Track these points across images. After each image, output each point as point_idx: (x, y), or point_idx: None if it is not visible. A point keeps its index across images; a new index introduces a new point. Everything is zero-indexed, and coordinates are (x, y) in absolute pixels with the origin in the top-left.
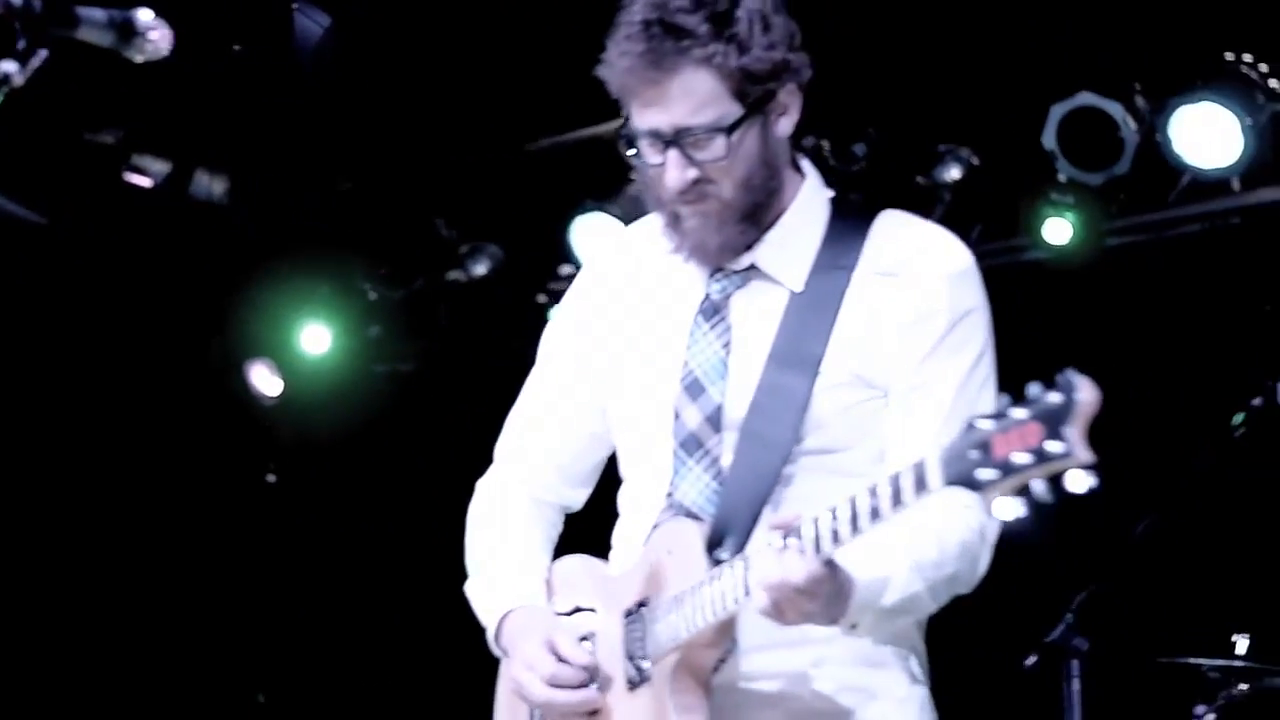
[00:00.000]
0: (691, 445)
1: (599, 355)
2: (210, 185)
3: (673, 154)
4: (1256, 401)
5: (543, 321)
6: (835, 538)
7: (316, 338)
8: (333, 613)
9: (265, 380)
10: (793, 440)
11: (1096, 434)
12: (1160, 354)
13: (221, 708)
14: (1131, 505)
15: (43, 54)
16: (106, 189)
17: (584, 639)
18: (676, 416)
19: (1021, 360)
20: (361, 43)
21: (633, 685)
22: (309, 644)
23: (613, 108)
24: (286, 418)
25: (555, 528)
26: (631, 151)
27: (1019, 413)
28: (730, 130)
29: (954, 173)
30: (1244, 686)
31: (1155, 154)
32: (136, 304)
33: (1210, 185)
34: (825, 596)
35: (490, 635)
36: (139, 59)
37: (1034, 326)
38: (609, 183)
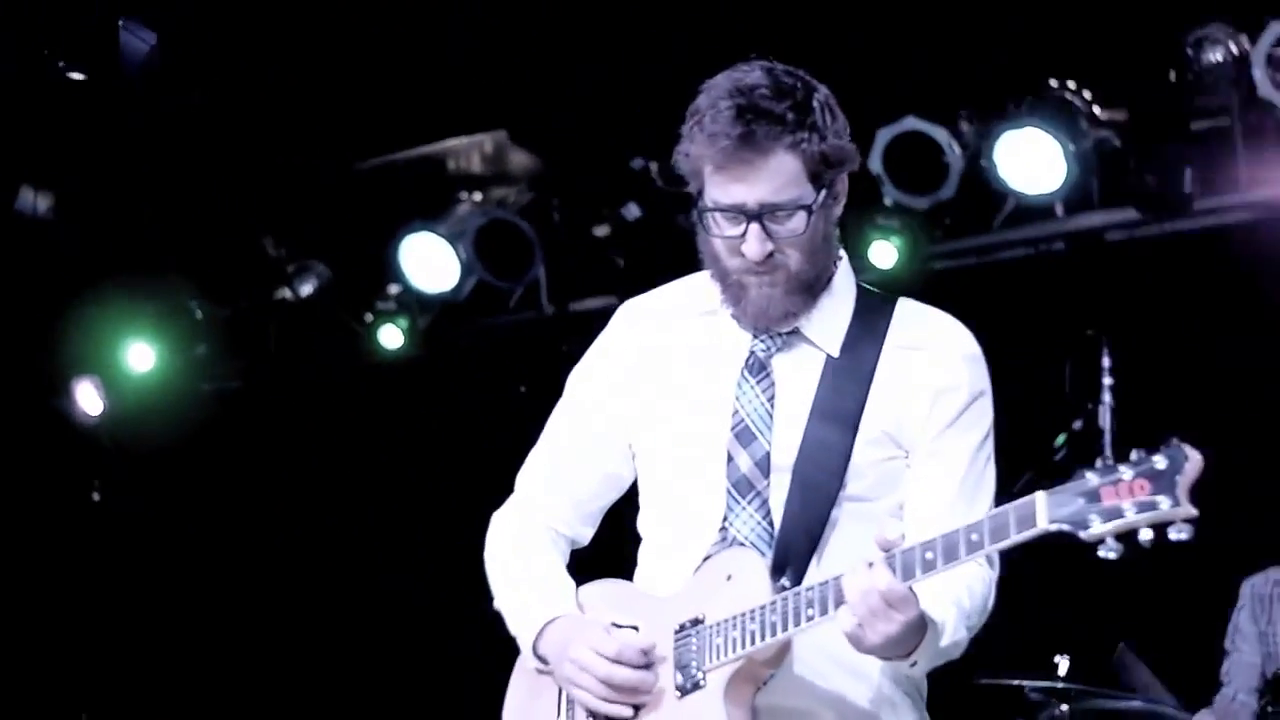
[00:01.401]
0: (744, 487)
1: (629, 402)
2: (35, 202)
3: (754, 228)
4: (1077, 424)
5: (370, 339)
6: (927, 565)
7: (141, 355)
8: (156, 630)
9: (89, 398)
10: (839, 486)
11: None
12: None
13: None
14: None
15: None
16: None
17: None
18: (730, 460)
19: None
20: (188, 61)
21: (683, 692)
22: (132, 662)
23: (438, 128)
24: (111, 435)
25: (567, 558)
26: (711, 224)
27: (1126, 471)
28: (809, 208)
29: None
30: (1064, 707)
31: (980, 179)
32: None
33: (1034, 210)
34: (906, 622)
35: (528, 643)
36: None
37: None
38: (436, 202)
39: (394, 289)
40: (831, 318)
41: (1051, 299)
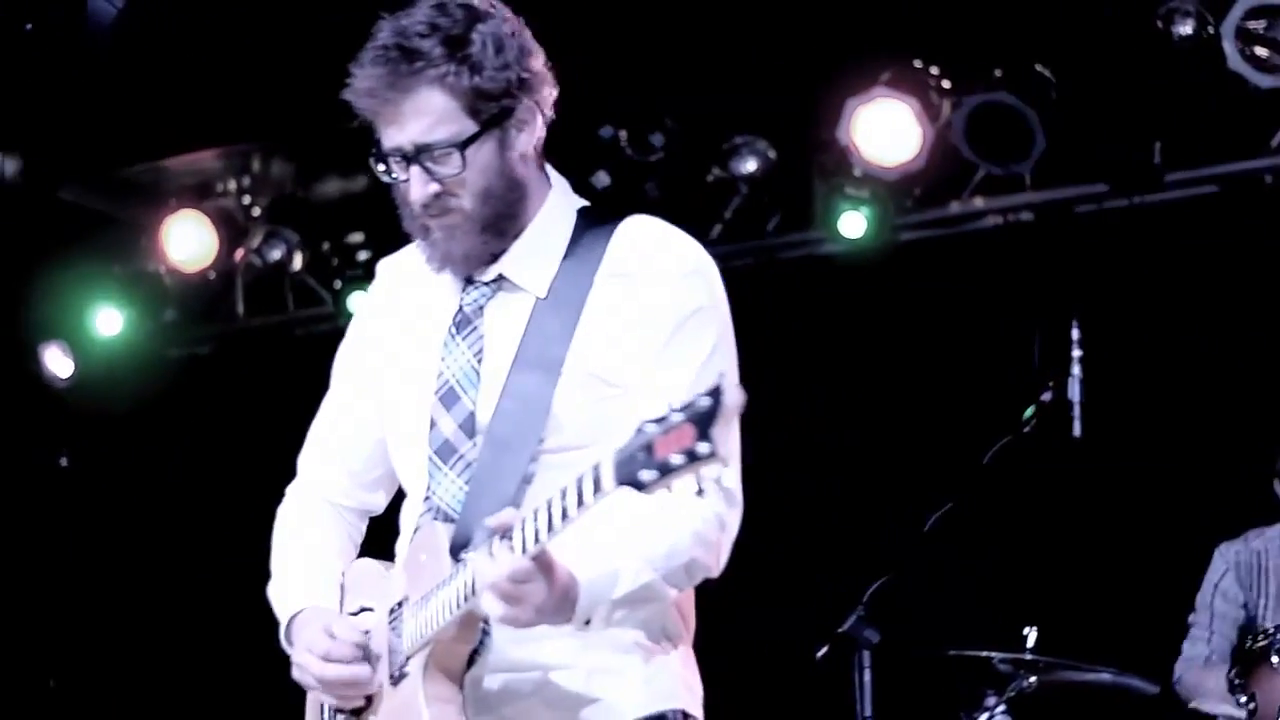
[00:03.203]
0: (446, 452)
1: (372, 370)
2: (2, 165)
3: (414, 170)
4: (1046, 396)
5: (340, 306)
6: (537, 538)
7: (109, 320)
8: (125, 597)
9: (58, 362)
10: (535, 441)
11: (890, 424)
12: (954, 348)
13: (12, 693)
14: (923, 498)
15: None
16: None
17: (365, 633)
18: (432, 425)
19: (821, 351)
20: (157, 22)
21: (394, 680)
22: (101, 629)
23: None
24: (79, 400)
25: (356, 530)
26: (382, 170)
27: (677, 416)
28: (464, 146)
29: (750, 165)
30: (1033, 679)
31: (950, 149)
32: None
33: (1003, 181)
34: (546, 594)
35: (282, 634)
36: None
37: (829, 318)
38: None
39: (363, 255)
40: (538, 255)
41: (1020, 271)
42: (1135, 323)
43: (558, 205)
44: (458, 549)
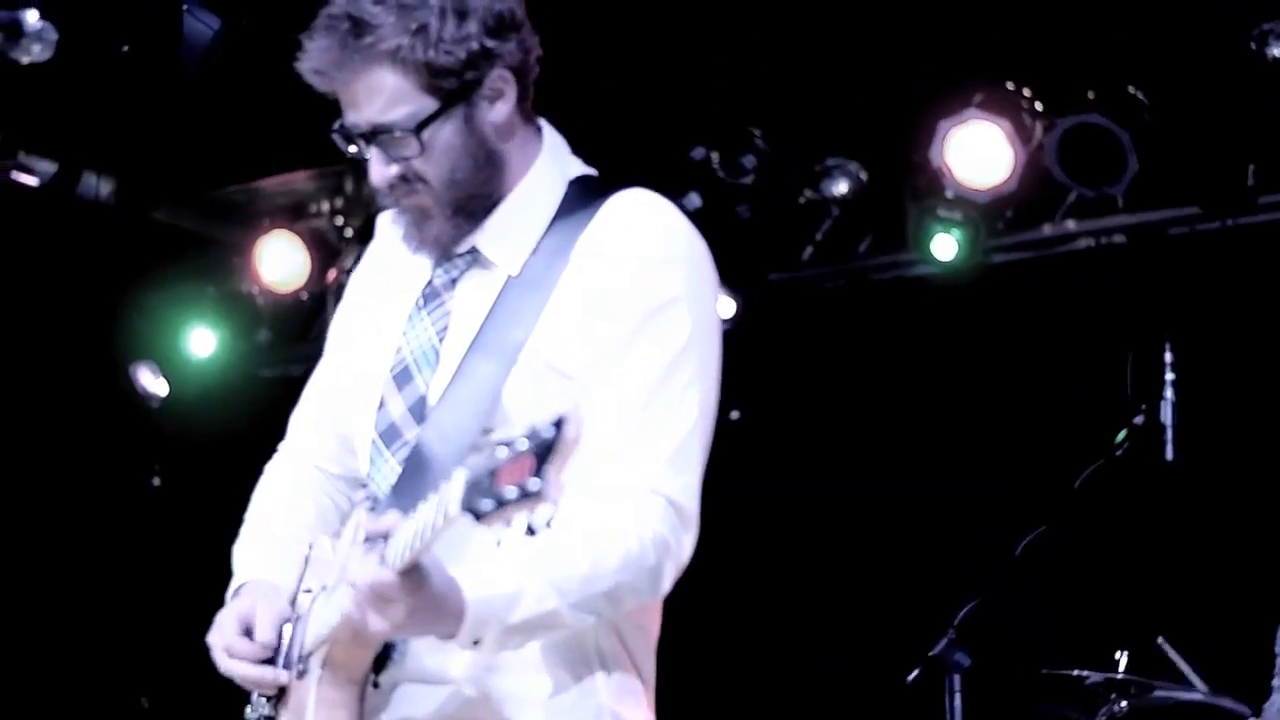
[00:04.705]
0: (391, 435)
1: (354, 334)
2: (98, 186)
3: (374, 151)
4: (1138, 419)
5: None
6: (412, 549)
7: (203, 340)
8: (213, 617)
9: (151, 382)
10: (477, 431)
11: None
12: (1046, 370)
13: (105, 712)
14: (1014, 520)
15: None
16: None
17: (287, 621)
18: (381, 405)
19: (912, 373)
20: (252, 44)
21: (300, 674)
22: (191, 648)
23: None
24: (172, 421)
25: (345, 498)
26: (345, 145)
27: (523, 444)
28: (420, 128)
29: (842, 187)
30: (1124, 703)
31: (1042, 172)
32: (22, 304)
33: (1096, 204)
34: (408, 610)
35: (229, 598)
36: (25, 60)
37: (921, 340)
38: None
39: None
40: (515, 229)
41: (1113, 294)
42: (1228, 345)
43: (545, 174)
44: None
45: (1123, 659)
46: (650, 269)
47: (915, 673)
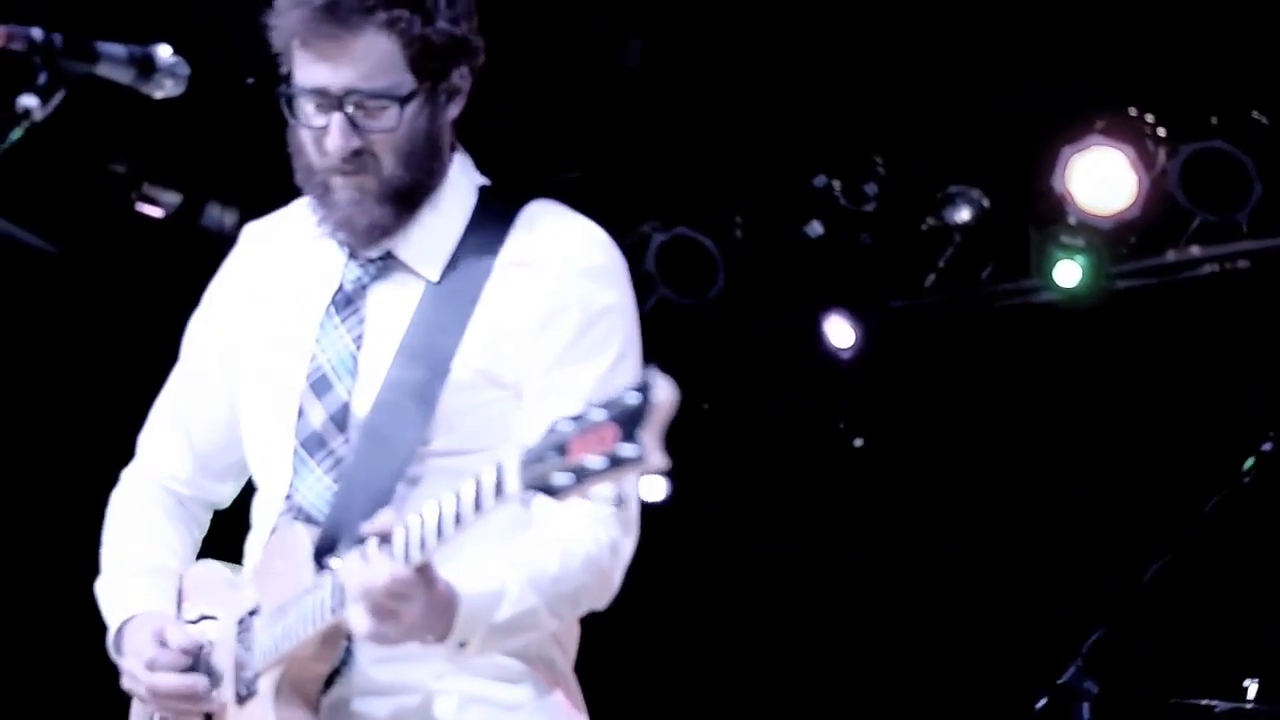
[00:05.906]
0: (314, 445)
1: (233, 344)
2: (221, 217)
3: (338, 118)
4: (1266, 446)
5: None
6: (423, 545)
7: None
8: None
9: None
10: (418, 441)
11: (1107, 473)
12: (1172, 397)
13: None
14: (1142, 548)
15: (63, 91)
16: (118, 219)
17: (202, 646)
18: (301, 414)
19: (1037, 399)
20: None
21: (241, 699)
22: None
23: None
24: None
25: (199, 525)
26: (292, 110)
27: (597, 414)
28: (404, 100)
29: (964, 214)
30: None
31: (1165, 197)
32: (147, 335)
33: (1220, 229)
34: (423, 608)
35: (110, 641)
36: (158, 95)
37: (1046, 367)
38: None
39: None
40: (434, 235)
41: (1238, 319)
42: None
43: (459, 183)
44: (322, 555)
45: (1252, 687)
46: (585, 279)
47: (1043, 701)
